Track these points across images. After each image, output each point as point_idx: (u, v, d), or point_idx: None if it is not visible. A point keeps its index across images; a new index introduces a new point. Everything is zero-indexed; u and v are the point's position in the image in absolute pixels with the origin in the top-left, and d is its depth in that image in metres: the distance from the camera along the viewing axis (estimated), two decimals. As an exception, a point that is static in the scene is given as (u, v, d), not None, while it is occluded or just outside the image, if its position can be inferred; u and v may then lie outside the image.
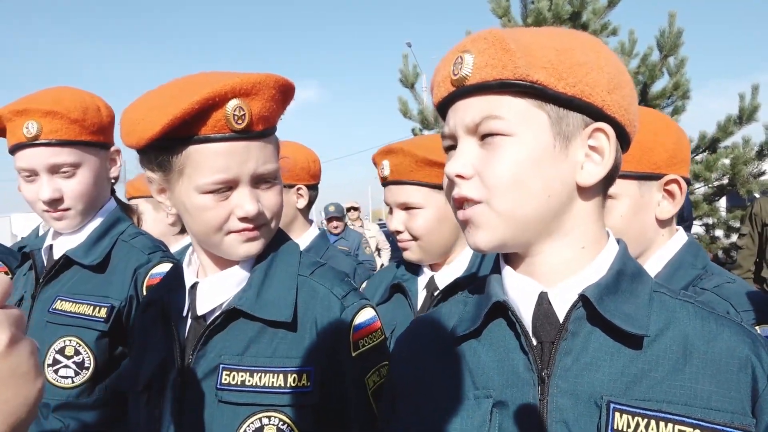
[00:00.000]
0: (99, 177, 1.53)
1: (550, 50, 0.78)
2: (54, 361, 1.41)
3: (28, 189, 1.47)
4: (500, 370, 0.82)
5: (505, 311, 0.84)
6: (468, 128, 0.82)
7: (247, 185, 1.02)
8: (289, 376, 1.02)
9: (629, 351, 0.77)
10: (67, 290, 1.47)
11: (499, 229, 0.81)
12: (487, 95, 0.80)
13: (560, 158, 0.79)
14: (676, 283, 1.22)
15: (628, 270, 0.83)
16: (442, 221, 1.56)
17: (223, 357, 1.04)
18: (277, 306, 1.06)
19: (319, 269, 1.14)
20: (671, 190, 1.24)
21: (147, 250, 1.54)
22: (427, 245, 1.57)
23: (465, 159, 0.81)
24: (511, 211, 0.79)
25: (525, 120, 0.78)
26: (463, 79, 0.80)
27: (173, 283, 1.16)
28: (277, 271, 1.10)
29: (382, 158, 1.61)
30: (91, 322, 1.42)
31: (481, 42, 0.80)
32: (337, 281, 1.12)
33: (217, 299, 1.08)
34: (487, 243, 0.82)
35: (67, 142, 1.44)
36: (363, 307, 1.11)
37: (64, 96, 1.46)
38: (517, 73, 0.77)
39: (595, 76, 0.78)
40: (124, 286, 1.47)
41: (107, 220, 1.56)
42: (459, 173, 0.81)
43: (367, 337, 1.10)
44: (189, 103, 0.93)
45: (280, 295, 1.07)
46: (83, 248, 1.50)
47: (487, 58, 0.79)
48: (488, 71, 0.78)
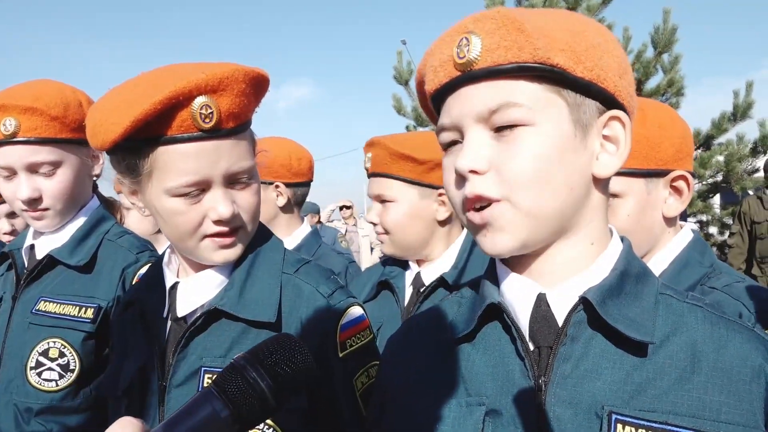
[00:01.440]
0: (80, 175, 1.48)
1: (566, 32, 0.72)
2: (37, 363, 1.37)
3: (6, 187, 1.42)
4: (494, 377, 0.78)
5: (500, 314, 0.79)
6: (480, 117, 0.73)
7: (221, 186, 0.97)
8: None
9: (633, 358, 0.73)
10: (51, 291, 1.43)
11: (523, 229, 0.73)
12: (499, 80, 0.72)
13: (580, 148, 0.74)
14: (683, 281, 1.18)
15: (633, 271, 0.78)
16: (413, 218, 1.56)
17: (205, 359, 1.00)
18: (261, 305, 1.01)
19: (304, 267, 1.09)
20: (678, 187, 1.21)
21: (135, 250, 1.50)
22: (398, 240, 1.58)
23: (478, 152, 0.73)
24: (536, 209, 0.72)
25: (544, 107, 0.72)
26: (471, 63, 0.72)
27: (152, 284, 1.11)
28: (260, 270, 1.05)
29: (366, 150, 1.63)
30: (77, 323, 1.38)
31: (488, 22, 0.73)
32: (322, 279, 1.08)
33: (198, 300, 1.04)
34: (510, 246, 0.75)
35: (46, 140, 1.38)
36: (350, 305, 1.07)
37: (44, 91, 1.40)
38: (537, 55, 0.70)
39: (608, 59, 0.74)
40: (111, 286, 1.43)
41: (91, 219, 1.51)
42: (473, 168, 0.72)
43: (354, 337, 1.06)
44: (151, 103, 0.88)
45: (264, 294, 1.03)
46: (68, 248, 1.45)
47: (498, 39, 0.71)
48: (501, 53, 0.71)
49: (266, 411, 0.66)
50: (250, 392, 0.64)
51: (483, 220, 0.75)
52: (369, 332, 1.10)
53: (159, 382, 1.02)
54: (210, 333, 1.02)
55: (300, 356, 0.68)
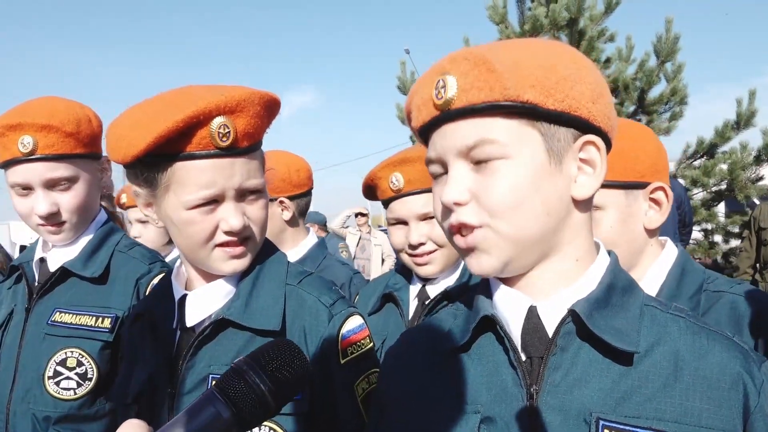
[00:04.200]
0: (92, 188, 1.53)
1: (536, 68, 0.77)
2: (55, 372, 1.41)
3: (22, 203, 1.46)
4: (489, 386, 0.82)
5: (493, 325, 0.83)
6: (460, 153, 0.79)
7: (233, 200, 1.04)
8: None
9: (619, 367, 0.77)
10: (66, 302, 1.47)
11: (505, 251, 0.80)
12: (476, 118, 0.78)
13: (556, 174, 0.79)
14: (688, 288, 1.21)
15: (619, 283, 0.83)
16: None
17: (213, 367, 1.05)
18: (266, 315, 1.06)
19: (306, 278, 1.15)
20: (657, 199, 1.23)
21: (147, 261, 1.55)
22: (451, 252, 1.56)
23: (460, 185, 0.80)
24: (516, 234, 0.78)
25: (519, 140, 0.77)
26: (449, 103, 0.78)
27: (162, 296, 1.16)
28: (264, 281, 1.11)
29: (393, 170, 1.57)
30: (95, 333, 1.42)
31: (462, 63, 0.79)
32: (324, 290, 1.14)
33: (205, 310, 1.09)
34: (493, 267, 0.81)
35: (63, 156, 1.43)
36: (351, 314, 1.12)
37: (58, 108, 1.45)
38: (507, 94, 0.76)
39: (580, 88, 0.78)
40: (126, 296, 1.47)
41: (101, 231, 1.56)
42: (455, 200, 0.79)
43: (355, 345, 1.11)
44: (173, 121, 0.94)
45: (269, 304, 1.08)
46: (81, 260, 1.49)
47: (472, 80, 0.77)
48: (475, 93, 0.77)
49: (266, 412, 0.70)
50: (251, 395, 0.68)
51: (467, 245, 0.81)
52: (369, 340, 1.15)
53: (168, 389, 1.07)
54: (217, 342, 1.07)
55: (298, 361, 0.73)
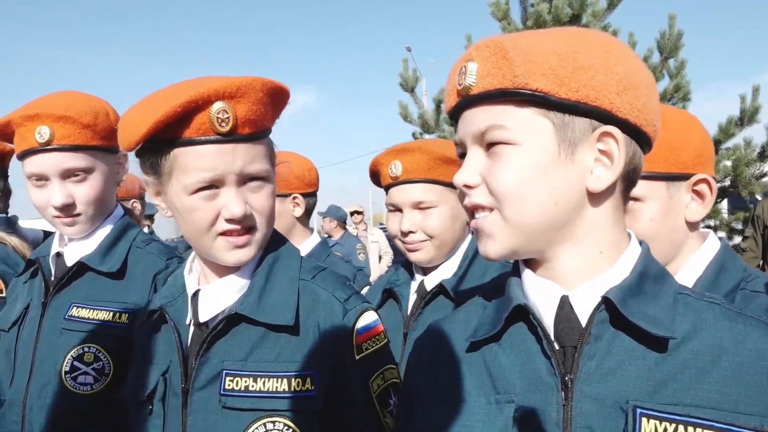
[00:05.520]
0: (108, 182, 1.52)
1: (552, 55, 0.77)
2: (72, 368, 1.40)
3: (38, 195, 1.45)
4: (522, 375, 0.82)
5: (525, 315, 0.83)
6: (475, 137, 0.83)
7: (234, 185, 1.02)
8: (293, 380, 1.03)
9: (654, 354, 0.76)
10: (83, 297, 1.46)
11: (508, 237, 0.81)
12: (491, 105, 0.80)
13: (566, 164, 0.79)
14: (723, 285, 1.19)
15: (651, 272, 0.82)
16: (455, 219, 1.59)
17: (226, 363, 1.04)
18: (279, 310, 1.06)
19: (320, 273, 1.14)
20: (700, 191, 1.21)
21: (164, 256, 1.53)
22: (441, 243, 1.58)
23: (472, 168, 0.83)
24: (520, 220, 0.80)
25: (529, 128, 0.78)
26: (468, 89, 0.81)
27: (175, 292, 1.16)
28: (278, 276, 1.10)
29: (393, 158, 1.61)
30: (113, 328, 1.41)
31: (483, 50, 0.81)
32: (339, 285, 1.13)
33: (219, 306, 1.08)
34: (497, 252, 0.83)
35: (79, 147, 1.43)
36: (365, 310, 1.12)
37: (75, 100, 1.45)
38: (516, 81, 0.77)
39: (602, 78, 0.77)
40: (144, 292, 1.46)
41: (118, 225, 1.55)
42: (465, 182, 0.83)
43: (370, 341, 1.10)
44: (171, 106, 0.94)
45: (282, 299, 1.07)
46: (98, 255, 1.48)
47: (488, 66, 0.79)
48: (489, 80, 0.79)
49: None
50: None
51: (476, 226, 0.85)
52: (384, 336, 1.14)
53: (182, 385, 1.06)
54: (231, 337, 1.06)
55: None
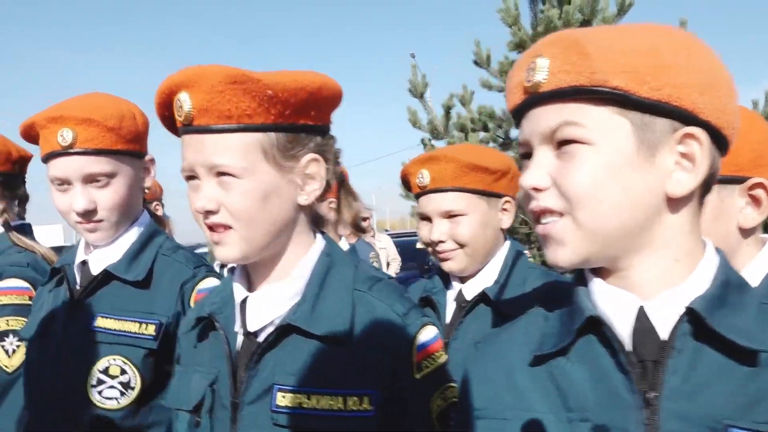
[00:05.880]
0: (133, 187, 1.46)
1: (631, 52, 0.73)
2: (98, 381, 1.33)
3: (61, 199, 1.40)
4: (595, 391, 0.76)
5: (597, 327, 0.77)
6: (543, 136, 0.78)
7: (206, 177, 0.97)
8: (348, 399, 0.96)
9: (744, 368, 0.70)
10: (108, 307, 1.40)
11: (581, 244, 0.76)
12: (563, 103, 0.75)
13: (645, 167, 0.74)
14: None
15: (733, 281, 0.77)
16: (485, 226, 1.56)
17: (278, 377, 0.98)
18: (332, 322, 0.99)
19: (377, 285, 1.06)
20: (757, 195, 1.14)
21: (191, 264, 1.47)
22: (474, 252, 1.56)
23: (540, 170, 0.78)
24: (593, 225, 0.75)
25: (605, 128, 0.74)
26: (537, 86, 0.77)
27: (222, 298, 1.10)
28: (332, 285, 1.03)
29: (420, 167, 1.59)
30: (139, 340, 1.35)
31: (555, 45, 0.77)
32: (396, 297, 1.05)
33: (269, 314, 1.01)
34: (568, 259, 0.78)
35: (102, 150, 1.37)
36: (425, 324, 1.04)
37: (100, 103, 1.40)
38: (594, 79, 0.72)
39: (685, 77, 0.72)
40: (170, 302, 1.40)
41: (144, 232, 1.49)
42: (534, 185, 0.78)
43: (430, 358, 1.02)
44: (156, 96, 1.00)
45: (335, 310, 1.00)
46: (124, 263, 1.42)
47: (561, 62, 0.75)
48: (563, 77, 0.74)
49: None
50: None
51: (545, 232, 0.79)
52: (443, 353, 1.07)
53: (231, 398, 1.00)
54: (282, 349, 1.00)
55: None
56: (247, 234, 0.98)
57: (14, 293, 1.68)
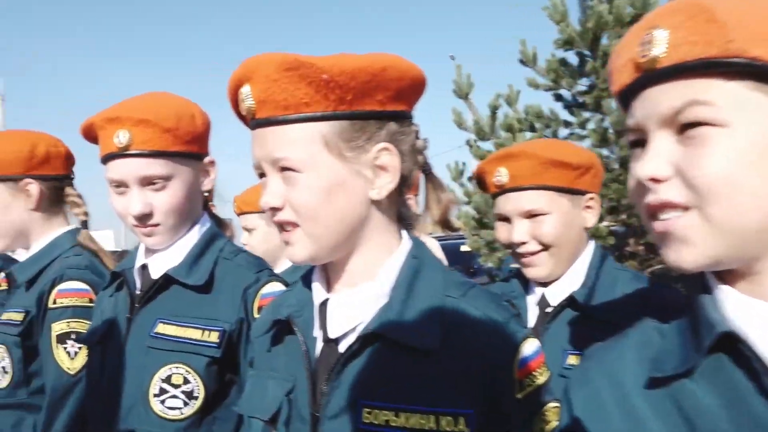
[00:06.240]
0: (191, 190, 1.41)
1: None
2: (161, 390, 1.28)
3: (119, 202, 1.37)
4: (731, 419, 0.65)
5: (730, 344, 0.66)
6: (663, 119, 0.67)
7: (272, 173, 0.91)
8: (442, 418, 0.85)
9: None
10: (169, 312, 1.35)
11: (712, 243, 0.65)
12: (687, 79, 0.65)
13: None
14: None
15: None
16: (569, 226, 1.47)
17: (362, 391, 0.89)
18: (423, 331, 0.89)
19: (472, 290, 0.96)
20: None
21: (254, 269, 1.40)
22: (558, 253, 1.46)
23: (660, 158, 0.68)
24: (727, 220, 0.64)
25: (741, 106, 0.63)
26: (654, 62, 0.67)
27: (300, 300, 1.01)
28: (420, 290, 0.93)
29: (497, 165, 1.50)
30: (201, 348, 1.29)
31: (675, 14, 0.66)
32: (494, 305, 0.94)
33: (352, 320, 0.93)
34: (696, 261, 0.67)
35: (158, 152, 1.33)
36: (527, 336, 0.93)
37: (158, 102, 1.35)
38: (730, 49, 0.62)
39: None
40: (233, 307, 1.33)
41: (204, 236, 1.44)
42: (653, 176, 0.68)
43: (532, 375, 0.92)
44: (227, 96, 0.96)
45: (426, 318, 0.90)
46: (184, 267, 1.37)
47: (686, 33, 0.64)
48: (688, 49, 0.64)
49: None
50: None
51: (664, 229, 0.69)
52: (546, 369, 0.96)
53: (310, 411, 0.92)
54: (367, 360, 0.91)
55: None
56: (313, 231, 0.91)
57: (75, 295, 1.65)
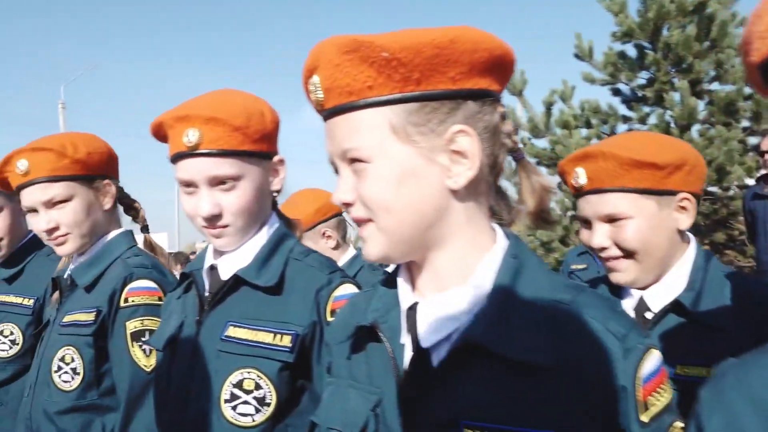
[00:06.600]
0: (261, 190, 1.37)
1: None
2: (232, 396, 1.24)
3: (188, 202, 1.34)
4: None
5: None
6: None
7: (341, 166, 0.87)
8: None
9: None
10: (239, 315, 1.31)
11: None
12: None
13: None
14: None
15: None
16: (656, 230, 1.34)
17: (463, 409, 0.80)
18: (530, 343, 0.79)
19: (582, 295, 0.84)
20: None
21: (326, 270, 1.35)
22: (644, 260, 1.34)
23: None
24: None
25: None
26: None
27: (385, 304, 0.94)
28: (524, 294, 0.83)
29: (575, 165, 1.40)
30: (274, 352, 1.24)
31: None
32: (610, 312, 0.82)
33: (444, 328, 0.84)
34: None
35: (228, 152, 1.29)
36: (649, 348, 0.81)
37: (227, 100, 1.32)
38: None
39: None
40: (305, 310, 1.28)
41: (273, 236, 1.40)
42: None
43: (656, 393, 0.80)
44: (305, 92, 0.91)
45: (532, 328, 0.80)
46: (254, 268, 1.33)
47: None
48: None
49: None
50: None
51: None
52: (669, 384, 0.84)
53: (401, 429, 0.83)
54: (467, 373, 0.81)
55: None
56: (385, 225, 0.84)
57: (145, 293, 1.67)
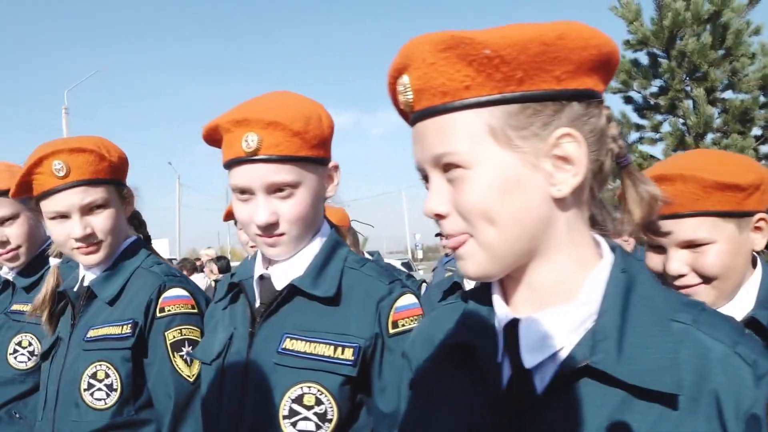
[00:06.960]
0: (317, 197, 1.31)
1: None
2: (291, 411, 1.18)
3: (242, 210, 1.28)
4: None
5: None
6: None
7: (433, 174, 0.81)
8: None
9: None
10: (295, 326, 1.25)
11: None
12: None
13: None
14: None
15: None
16: (737, 254, 1.27)
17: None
18: (650, 368, 0.72)
19: (703, 314, 0.77)
20: None
21: (385, 279, 1.29)
22: (723, 285, 1.27)
23: None
24: None
25: None
26: None
27: (480, 321, 0.87)
28: (639, 314, 0.76)
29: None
30: (335, 365, 1.19)
31: None
32: (735, 333, 0.75)
33: (548, 347, 0.77)
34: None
35: (288, 158, 1.23)
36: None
37: (286, 104, 1.26)
38: None
39: None
40: (366, 322, 1.23)
41: (327, 244, 1.35)
42: None
43: None
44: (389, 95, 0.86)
45: (651, 350, 0.73)
46: (310, 277, 1.27)
47: None
48: None
49: None
50: None
51: None
52: None
53: None
54: (572, 396, 0.75)
55: None
56: (487, 240, 0.76)
57: (180, 302, 1.63)
